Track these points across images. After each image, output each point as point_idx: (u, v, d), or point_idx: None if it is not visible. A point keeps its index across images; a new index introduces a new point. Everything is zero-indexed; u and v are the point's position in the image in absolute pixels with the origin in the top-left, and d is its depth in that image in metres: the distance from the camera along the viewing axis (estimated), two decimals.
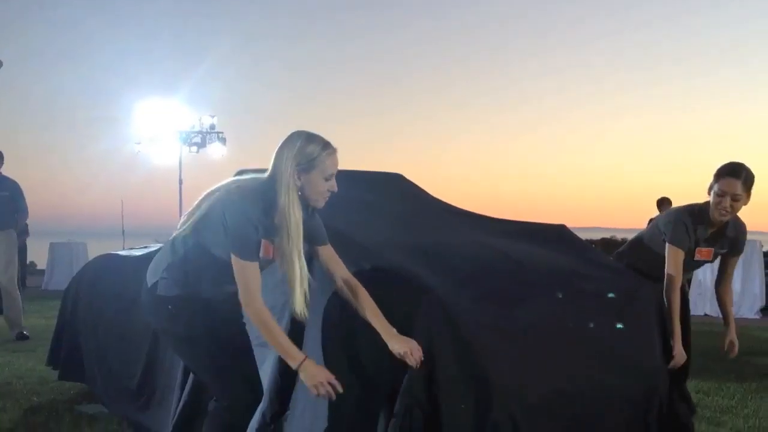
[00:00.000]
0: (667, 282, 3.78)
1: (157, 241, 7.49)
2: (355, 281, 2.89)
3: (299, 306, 2.71)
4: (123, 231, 16.61)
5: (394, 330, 2.73)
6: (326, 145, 2.73)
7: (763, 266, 10.92)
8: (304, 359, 2.65)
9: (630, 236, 4.24)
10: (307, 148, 2.70)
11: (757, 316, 10.49)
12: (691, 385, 5.53)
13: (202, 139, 18.00)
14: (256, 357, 2.93)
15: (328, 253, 2.93)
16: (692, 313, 11.22)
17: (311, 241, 2.86)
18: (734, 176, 3.66)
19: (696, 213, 3.85)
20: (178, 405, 3.57)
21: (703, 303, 10.87)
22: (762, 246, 11.18)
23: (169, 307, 2.78)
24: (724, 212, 3.70)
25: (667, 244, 3.86)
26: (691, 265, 3.94)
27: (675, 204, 11.66)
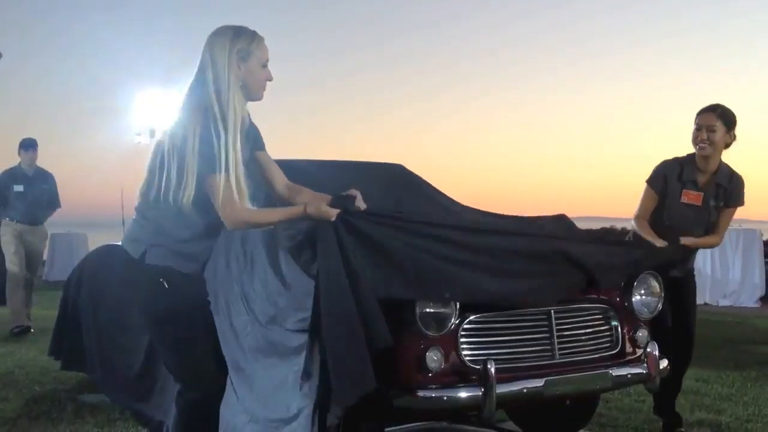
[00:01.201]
0: (633, 219, 4.07)
1: None
2: (294, 185, 2.93)
3: None
4: (123, 222, 16.59)
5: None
6: (255, 33, 2.72)
7: (763, 255, 10.92)
8: (304, 209, 2.71)
9: (630, 226, 4.28)
10: (240, 39, 2.68)
11: (757, 305, 10.50)
12: (690, 373, 5.53)
13: None
14: None
15: (266, 158, 2.93)
16: None
17: (252, 147, 2.83)
18: (709, 110, 3.89)
19: (683, 158, 4.01)
20: None
21: (702, 292, 10.85)
22: (762, 235, 11.18)
23: (161, 279, 2.67)
24: (702, 144, 3.86)
25: None
26: (680, 210, 3.97)
27: None
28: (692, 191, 3.95)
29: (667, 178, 3.98)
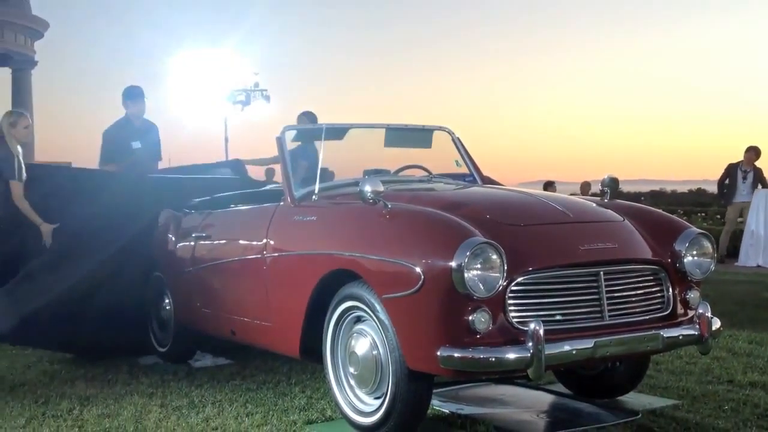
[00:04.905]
0: None
1: None
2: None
3: None
4: None
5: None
6: (21, 113, 5.49)
7: None
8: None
9: (680, 189, 4.17)
10: (11, 116, 5.32)
11: None
12: (743, 335, 5.47)
13: (247, 96, 18.09)
14: None
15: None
16: (744, 264, 10.94)
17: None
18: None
19: None
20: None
21: (755, 254, 10.68)
22: None
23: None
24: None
25: None
26: None
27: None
28: None
29: None
